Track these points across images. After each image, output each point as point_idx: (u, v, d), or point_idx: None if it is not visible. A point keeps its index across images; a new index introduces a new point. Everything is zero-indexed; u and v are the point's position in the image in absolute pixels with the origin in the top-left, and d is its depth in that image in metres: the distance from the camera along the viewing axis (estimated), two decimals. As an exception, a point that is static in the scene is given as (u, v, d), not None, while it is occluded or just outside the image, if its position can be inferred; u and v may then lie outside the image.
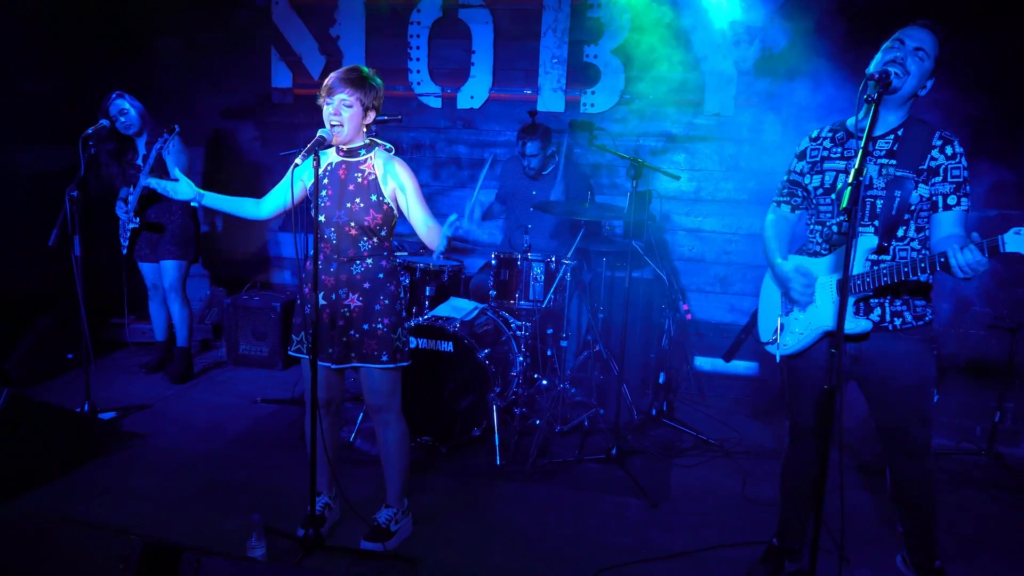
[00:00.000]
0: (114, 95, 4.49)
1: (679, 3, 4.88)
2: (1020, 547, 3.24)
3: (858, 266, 2.45)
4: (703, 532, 3.27)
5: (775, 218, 2.79)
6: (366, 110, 2.80)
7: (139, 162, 4.58)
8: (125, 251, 4.71)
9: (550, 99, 5.35)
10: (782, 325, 2.68)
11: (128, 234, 4.64)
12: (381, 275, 2.90)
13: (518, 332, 4.18)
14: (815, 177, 2.62)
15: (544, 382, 4.42)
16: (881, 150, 2.49)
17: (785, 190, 2.75)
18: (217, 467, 3.72)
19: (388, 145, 2.94)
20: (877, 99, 2.24)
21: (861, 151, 2.11)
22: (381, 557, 2.92)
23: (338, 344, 2.88)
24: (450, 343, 3.90)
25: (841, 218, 2.53)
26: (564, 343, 4.22)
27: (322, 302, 2.85)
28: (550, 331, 4.48)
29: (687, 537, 3.22)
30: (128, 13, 5.86)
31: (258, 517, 2.78)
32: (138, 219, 4.59)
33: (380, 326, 2.87)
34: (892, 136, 2.49)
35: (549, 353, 4.46)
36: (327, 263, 2.87)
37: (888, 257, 2.49)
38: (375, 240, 2.88)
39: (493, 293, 4.17)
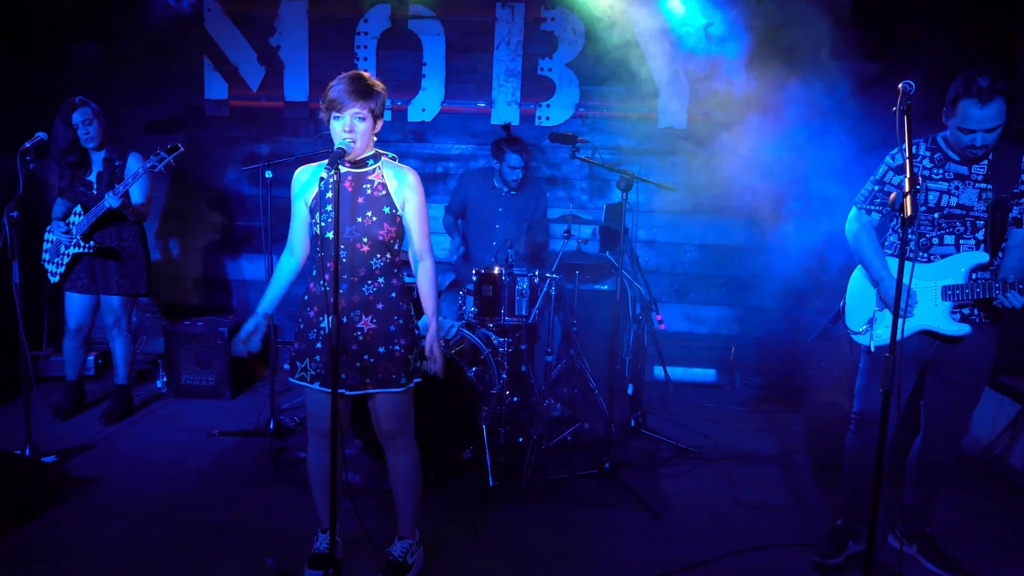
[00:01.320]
0: (77, 100, 4.00)
1: (634, 18, 4.95)
2: (1002, 533, 3.43)
3: (960, 278, 2.72)
4: (712, 541, 3.28)
5: (867, 230, 2.92)
6: (376, 119, 2.66)
7: (90, 178, 4.11)
8: (57, 278, 4.17)
9: (504, 112, 5.30)
10: (876, 319, 2.85)
11: (65, 259, 4.11)
12: (394, 294, 2.75)
13: (500, 349, 4.08)
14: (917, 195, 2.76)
15: (516, 398, 4.33)
16: (978, 175, 2.73)
17: (878, 200, 2.90)
18: (188, 509, 3.41)
19: (391, 153, 2.80)
20: (906, 109, 2.32)
21: (908, 160, 2.20)
22: (403, 593, 2.75)
23: (351, 370, 2.69)
24: (435, 363, 3.74)
25: (940, 231, 2.74)
26: (550, 358, 4.15)
27: (332, 327, 2.66)
28: (524, 347, 4.41)
29: (697, 547, 3.22)
30: (36, 16, 5.36)
31: (272, 561, 2.56)
32: (92, 243, 4.06)
33: (397, 347, 2.72)
34: (985, 162, 2.73)
35: (524, 369, 4.38)
36: (335, 283, 2.68)
37: (988, 273, 2.74)
38: (388, 256, 2.73)
39: (474, 310, 4.05)
